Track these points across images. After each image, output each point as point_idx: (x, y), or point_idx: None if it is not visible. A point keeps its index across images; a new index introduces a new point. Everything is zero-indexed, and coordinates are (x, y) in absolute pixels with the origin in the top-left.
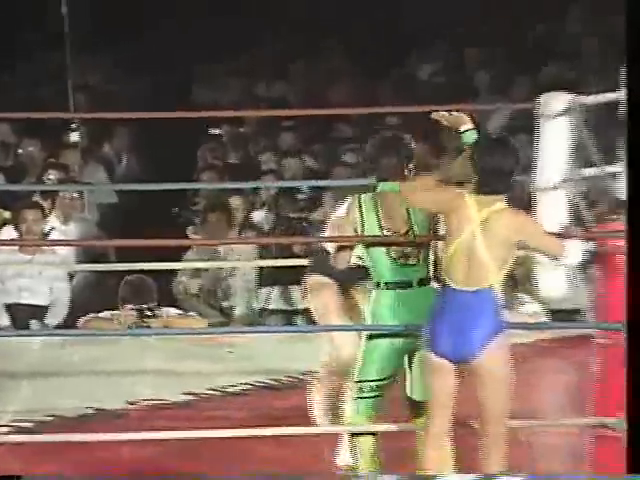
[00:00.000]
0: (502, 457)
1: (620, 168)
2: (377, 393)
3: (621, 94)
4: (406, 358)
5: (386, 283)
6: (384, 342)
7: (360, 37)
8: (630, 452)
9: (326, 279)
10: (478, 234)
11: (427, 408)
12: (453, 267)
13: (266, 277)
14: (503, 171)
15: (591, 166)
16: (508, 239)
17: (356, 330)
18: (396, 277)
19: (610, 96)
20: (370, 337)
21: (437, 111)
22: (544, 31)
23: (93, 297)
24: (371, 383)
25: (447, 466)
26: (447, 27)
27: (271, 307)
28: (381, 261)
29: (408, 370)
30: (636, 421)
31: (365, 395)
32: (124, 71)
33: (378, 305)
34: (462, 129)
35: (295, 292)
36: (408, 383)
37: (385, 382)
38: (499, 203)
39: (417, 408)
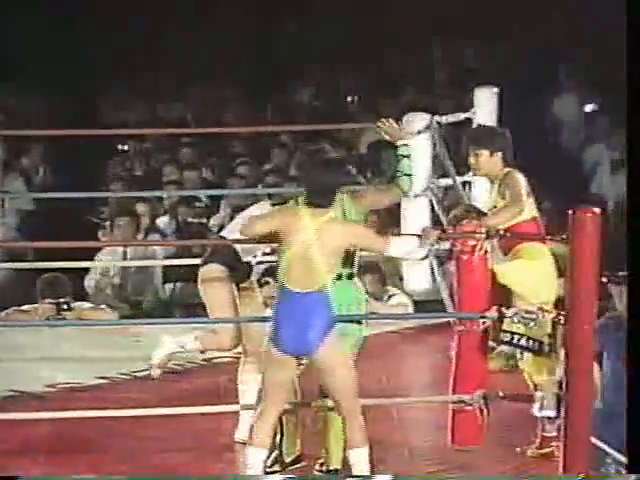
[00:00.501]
0: (361, 429)
1: (469, 178)
2: None
3: (470, 113)
4: None
5: None
6: None
7: (246, 66)
8: (630, 452)
9: (221, 268)
10: (313, 242)
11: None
12: (290, 271)
13: (170, 274)
14: (330, 187)
15: (446, 177)
16: (339, 245)
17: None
18: None
19: (461, 116)
20: None
21: (316, 130)
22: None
23: (14, 292)
24: None
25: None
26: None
27: (174, 301)
28: None
29: None
30: (636, 421)
31: None
32: (38, 96)
33: None
34: (399, 143)
35: (195, 287)
36: None
37: None
38: (329, 214)
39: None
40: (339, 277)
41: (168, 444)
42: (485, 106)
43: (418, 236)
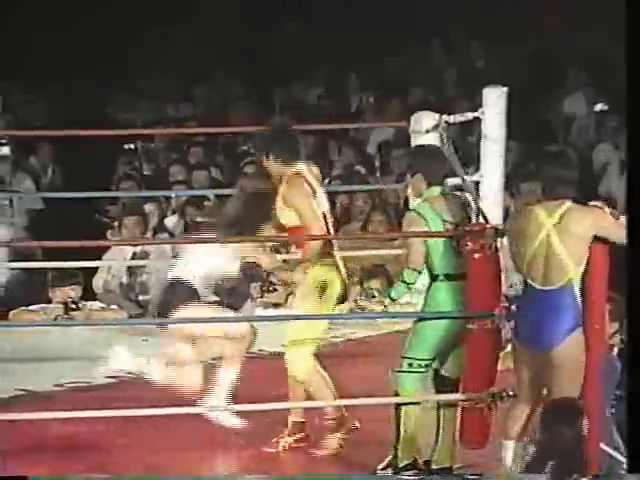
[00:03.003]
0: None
1: (477, 178)
2: (424, 370)
3: (479, 113)
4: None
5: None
6: (439, 325)
7: (255, 64)
8: (630, 452)
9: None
10: (553, 236)
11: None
12: (532, 268)
13: None
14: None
15: (454, 176)
16: (583, 233)
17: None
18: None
19: (469, 115)
20: (422, 319)
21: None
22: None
23: (23, 293)
24: (421, 361)
25: None
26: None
27: None
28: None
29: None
30: (636, 421)
31: (413, 370)
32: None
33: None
34: None
35: None
36: (447, 362)
37: (432, 361)
38: (566, 204)
39: (445, 384)
40: None
41: (174, 443)
42: (494, 106)
43: None
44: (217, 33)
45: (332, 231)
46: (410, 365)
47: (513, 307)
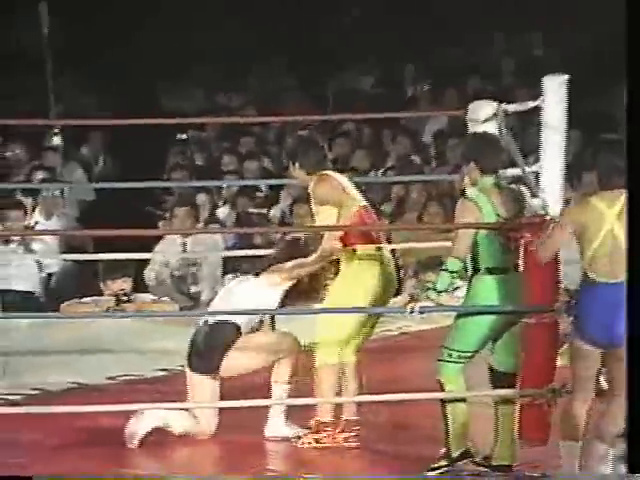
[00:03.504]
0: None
1: (537, 169)
2: (463, 362)
3: (539, 102)
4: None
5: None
6: (483, 319)
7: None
8: (630, 452)
9: None
10: (616, 228)
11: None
12: (596, 262)
13: (230, 266)
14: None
15: (514, 166)
16: None
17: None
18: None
19: (529, 104)
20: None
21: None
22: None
23: (75, 284)
24: (460, 353)
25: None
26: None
27: None
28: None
29: (497, 344)
30: (636, 421)
31: (452, 360)
32: (99, 85)
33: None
34: None
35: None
36: (495, 356)
37: (473, 354)
38: (624, 195)
39: (501, 380)
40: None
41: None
42: (554, 94)
43: None
44: (269, 20)
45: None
46: (450, 355)
47: (573, 301)
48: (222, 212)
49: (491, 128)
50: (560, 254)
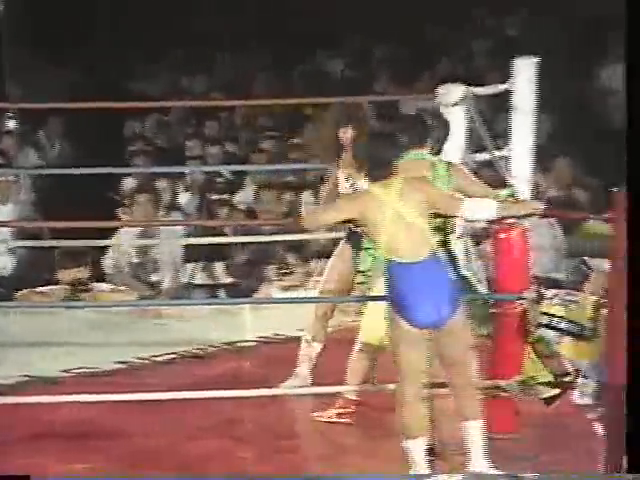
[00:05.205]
0: (479, 402)
1: (507, 152)
2: None
3: (509, 84)
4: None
5: None
6: None
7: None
8: (630, 452)
9: None
10: (400, 209)
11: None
12: (392, 245)
13: (191, 253)
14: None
15: (483, 150)
16: (422, 201)
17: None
18: None
19: (499, 87)
20: None
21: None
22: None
23: (29, 272)
24: None
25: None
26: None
27: (195, 281)
28: None
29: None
30: (636, 421)
31: None
32: (58, 66)
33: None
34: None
35: (217, 267)
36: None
37: None
38: (398, 179)
39: None
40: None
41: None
42: (524, 76)
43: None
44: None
45: None
46: None
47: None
48: (184, 198)
49: (460, 112)
50: (530, 242)
